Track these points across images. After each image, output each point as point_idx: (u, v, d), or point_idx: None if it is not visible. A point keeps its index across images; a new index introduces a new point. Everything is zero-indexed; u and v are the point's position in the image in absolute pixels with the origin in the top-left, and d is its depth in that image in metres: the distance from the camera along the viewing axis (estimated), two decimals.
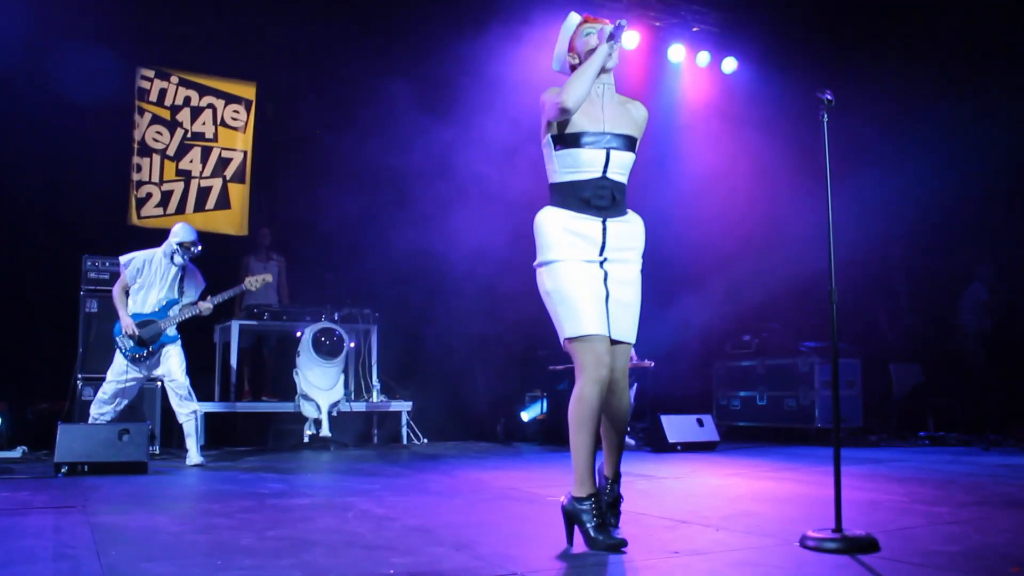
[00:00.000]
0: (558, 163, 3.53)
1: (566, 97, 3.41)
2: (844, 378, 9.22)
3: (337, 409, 8.45)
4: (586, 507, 3.40)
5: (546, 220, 3.53)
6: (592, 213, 3.50)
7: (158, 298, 6.97)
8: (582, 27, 3.67)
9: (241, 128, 10.26)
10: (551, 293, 3.48)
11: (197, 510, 4.60)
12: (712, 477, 6.17)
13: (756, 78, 10.88)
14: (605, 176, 3.52)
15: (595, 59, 3.51)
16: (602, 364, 3.40)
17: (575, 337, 3.42)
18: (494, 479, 6.05)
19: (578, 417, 3.40)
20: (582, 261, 3.48)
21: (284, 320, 8.89)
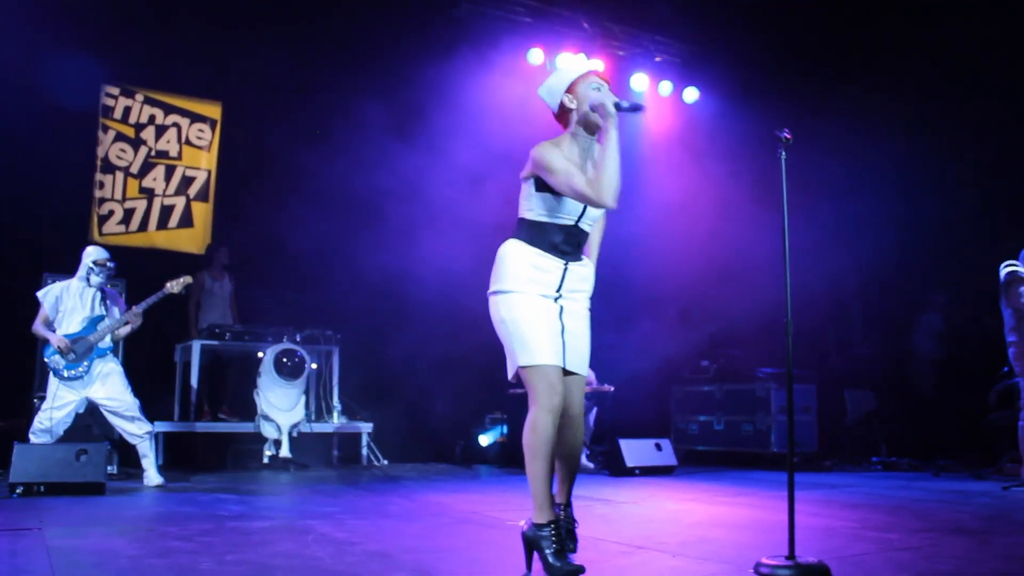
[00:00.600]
0: (536, 203, 3.56)
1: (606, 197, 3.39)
2: (800, 404, 9.31)
3: (298, 430, 8.40)
4: (545, 533, 3.39)
5: (511, 252, 3.56)
6: (557, 256, 3.56)
7: (81, 318, 6.86)
8: (590, 77, 3.63)
9: (206, 147, 10.23)
10: (506, 321, 3.50)
11: (155, 533, 4.55)
12: (669, 502, 6.21)
13: (718, 108, 11.02)
14: (577, 225, 3.59)
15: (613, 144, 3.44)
16: (555, 392, 3.41)
17: (528, 366, 3.43)
18: (454, 503, 6.05)
19: (533, 446, 3.40)
20: (539, 295, 3.52)
21: (246, 340, 8.82)
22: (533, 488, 3.42)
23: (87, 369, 6.76)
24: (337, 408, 9.07)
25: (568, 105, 3.62)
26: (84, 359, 6.76)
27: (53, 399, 6.69)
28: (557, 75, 3.70)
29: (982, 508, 5.76)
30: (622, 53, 11.01)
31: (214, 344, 8.76)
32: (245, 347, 8.87)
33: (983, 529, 4.82)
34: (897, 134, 9.81)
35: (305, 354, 8.43)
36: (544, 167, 3.47)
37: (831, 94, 10.17)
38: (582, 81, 3.61)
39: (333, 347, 9.19)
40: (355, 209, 9.63)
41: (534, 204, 3.57)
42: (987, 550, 4.13)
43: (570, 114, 3.63)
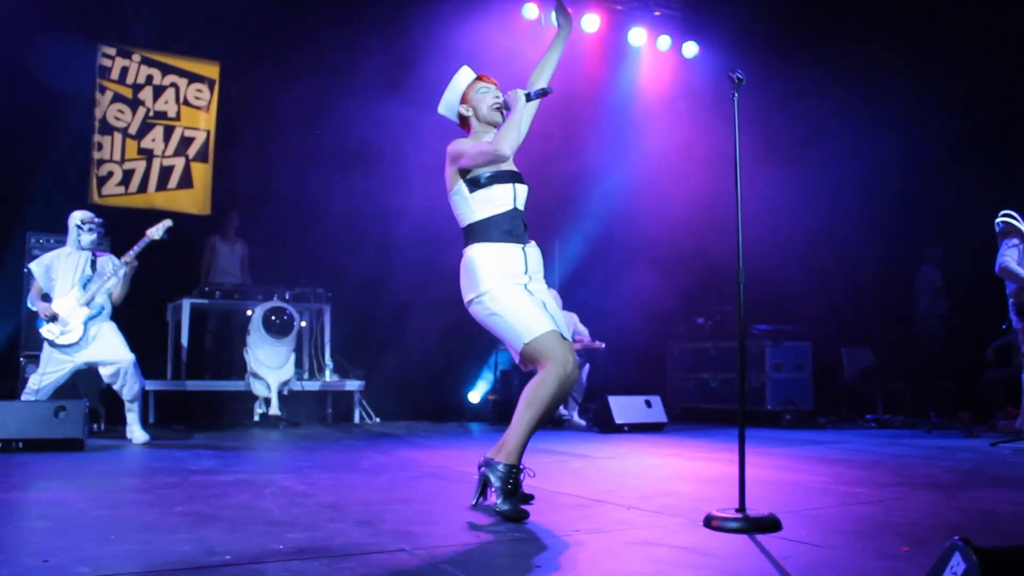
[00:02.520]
0: (475, 203, 3.78)
1: (503, 145, 3.66)
2: (795, 361, 9.24)
3: (288, 388, 8.38)
4: (502, 471, 3.58)
5: (476, 256, 3.74)
6: (513, 241, 3.78)
7: (70, 286, 6.71)
8: (478, 83, 3.97)
9: (204, 107, 10.17)
10: (498, 313, 3.67)
11: (117, 486, 4.51)
12: (648, 457, 6.13)
13: (718, 63, 10.78)
14: (516, 208, 3.83)
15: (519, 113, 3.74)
16: (568, 361, 3.59)
17: (533, 339, 3.59)
18: (430, 457, 6.00)
19: (537, 398, 3.56)
20: (514, 283, 3.72)
21: (236, 299, 8.79)
22: (516, 433, 3.60)
23: (81, 336, 6.66)
24: (329, 366, 9.03)
25: (465, 113, 3.98)
26: (77, 325, 6.65)
27: (46, 364, 6.63)
28: (449, 91, 4.01)
29: (961, 463, 5.64)
30: (620, 7, 10.81)
31: (204, 303, 8.72)
32: (235, 305, 8.84)
33: (954, 483, 4.71)
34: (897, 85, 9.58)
35: (294, 312, 8.39)
36: (456, 154, 3.80)
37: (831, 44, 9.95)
38: (471, 90, 3.97)
39: (324, 305, 9.14)
40: (345, 165, 9.56)
41: (474, 206, 3.79)
42: (949, 503, 4.03)
43: (470, 120, 3.98)
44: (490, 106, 3.92)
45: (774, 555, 2.93)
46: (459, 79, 4.01)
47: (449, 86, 4.01)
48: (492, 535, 3.26)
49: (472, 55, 9.26)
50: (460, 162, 3.81)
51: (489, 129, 3.94)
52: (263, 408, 8.27)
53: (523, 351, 3.64)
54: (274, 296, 8.64)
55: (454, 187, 3.85)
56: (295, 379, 8.46)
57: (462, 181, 3.82)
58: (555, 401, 3.61)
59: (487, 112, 3.92)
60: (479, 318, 3.77)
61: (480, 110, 3.93)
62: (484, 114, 3.93)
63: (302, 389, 8.62)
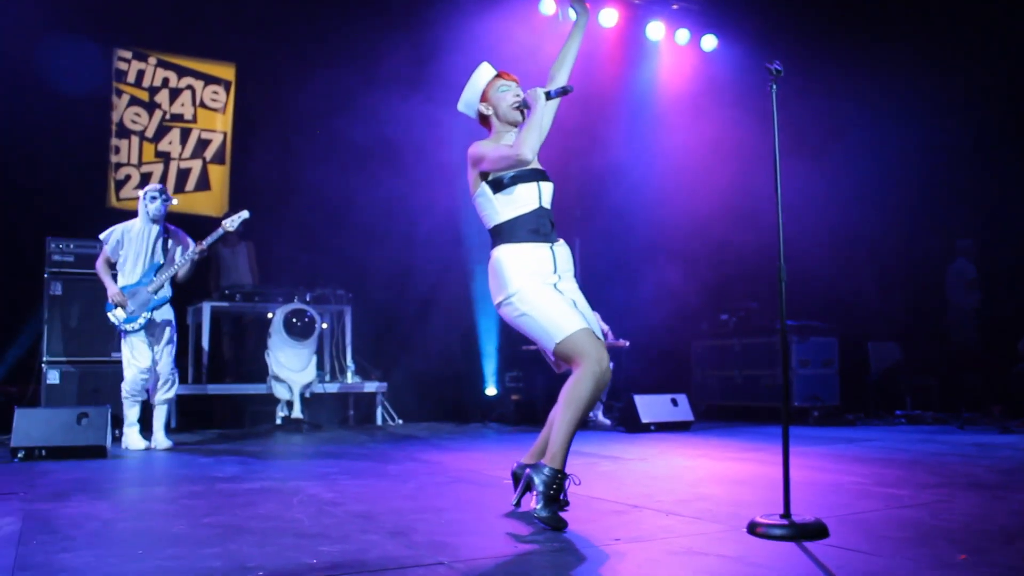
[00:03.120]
0: (499, 205, 3.73)
1: (525, 150, 3.58)
2: (821, 357, 9.09)
3: (310, 391, 8.30)
4: (547, 475, 3.47)
5: (503, 257, 3.68)
6: (541, 240, 3.71)
7: (142, 265, 6.63)
8: (497, 81, 3.89)
9: (220, 109, 10.10)
10: (527, 314, 3.60)
11: (143, 496, 4.43)
12: (678, 458, 6.00)
13: (737, 56, 10.66)
14: (542, 206, 3.76)
15: (539, 115, 3.67)
16: (603, 358, 3.50)
17: (566, 338, 3.51)
18: (456, 461, 5.89)
19: (571, 396, 3.48)
20: (543, 283, 3.66)
21: (256, 301, 8.71)
22: (560, 435, 3.50)
23: (146, 322, 6.54)
24: (350, 368, 8.95)
25: (485, 112, 3.90)
26: (142, 311, 6.56)
27: (132, 355, 6.53)
28: (469, 89, 3.93)
29: (1002, 461, 5.50)
30: (637, 2, 10.66)
31: (224, 306, 8.65)
32: (256, 308, 8.76)
33: (1000, 484, 4.57)
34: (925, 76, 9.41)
35: (315, 314, 8.30)
36: (477, 157, 3.72)
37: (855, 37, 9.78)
38: (491, 87, 3.89)
39: (345, 306, 9.05)
40: (368, 163, 9.50)
41: (499, 207, 3.73)
42: (998, 506, 3.90)
43: (490, 119, 3.90)
44: (510, 104, 3.84)
45: (827, 564, 2.82)
46: (479, 76, 3.93)
47: (468, 83, 3.93)
48: (531, 545, 3.15)
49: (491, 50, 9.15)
50: (481, 166, 3.74)
51: (510, 128, 3.87)
52: (285, 411, 8.19)
53: (556, 351, 3.56)
54: (294, 298, 8.56)
55: (477, 189, 3.79)
56: (317, 381, 8.37)
57: (485, 183, 3.75)
58: (593, 399, 3.53)
59: (507, 111, 3.85)
60: (509, 319, 3.71)
61: (500, 108, 3.86)
62: (504, 113, 3.85)
63: (323, 391, 8.53)
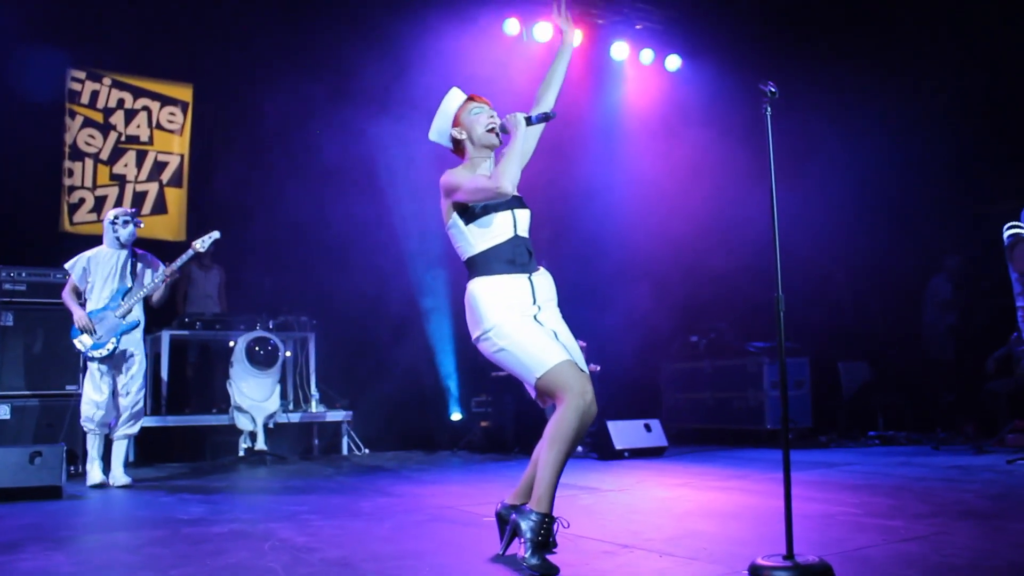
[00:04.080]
0: (472, 236, 3.58)
1: (505, 182, 3.42)
2: (793, 378, 9.02)
3: (273, 421, 8.05)
4: (535, 521, 3.29)
5: (479, 290, 3.52)
6: (518, 271, 3.55)
7: (110, 290, 6.36)
8: (469, 104, 3.73)
9: (177, 131, 9.83)
10: (506, 349, 3.43)
11: (101, 544, 4.15)
12: (658, 488, 5.83)
13: (701, 75, 10.61)
14: (517, 235, 3.60)
15: (519, 144, 3.52)
16: (587, 391, 3.35)
17: (547, 372, 3.35)
18: (431, 495, 5.67)
19: (556, 434, 3.32)
20: (522, 315, 3.48)
21: (218, 329, 8.45)
22: (545, 476, 3.34)
23: (114, 349, 6.27)
24: (315, 397, 8.71)
25: (458, 136, 3.72)
26: (109, 337, 6.27)
27: (92, 385, 6.26)
28: (440, 116, 3.75)
29: (988, 486, 5.39)
30: (601, 21, 10.58)
31: (184, 334, 8.36)
32: (217, 336, 8.50)
33: (993, 512, 4.45)
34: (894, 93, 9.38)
35: (279, 342, 8.06)
36: (451, 186, 3.55)
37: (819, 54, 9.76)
38: (463, 111, 3.71)
39: (309, 333, 8.83)
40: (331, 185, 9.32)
41: (471, 238, 3.57)
42: (999, 538, 3.77)
43: (463, 143, 3.72)
44: (485, 127, 3.67)
45: None
46: (449, 102, 3.76)
47: (439, 111, 3.76)
48: None
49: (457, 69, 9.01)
50: (455, 196, 3.56)
51: (485, 153, 3.70)
52: (248, 443, 7.93)
53: (537, 386, 3.39)
54: (257, 326, 8.31)
55: (449, 220, 3.62)
56: (281, 411, 8.12)
57: (456, 214, 3.59)
58: (579, 435, 3.36)
59: (482, 134, 3.67)
60: (487, 355, 3.54)
61: (475, 132, 3.68)
62: (479, 136, 3.67)
63: (288, 421, 8.27)
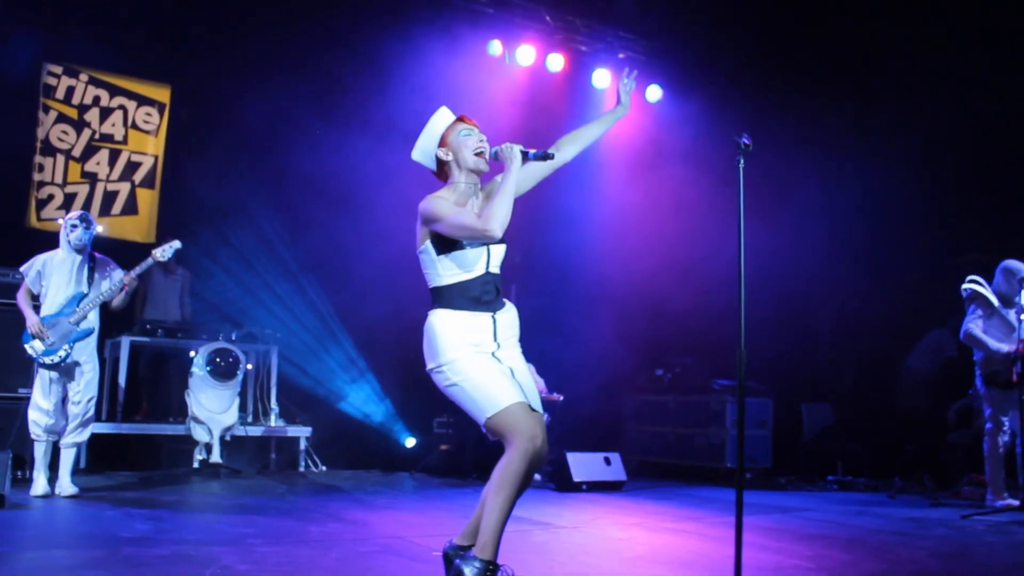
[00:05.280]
0: (442, 267, 3.51)
1: (494, 225, 3.35)
2: (755, 418, 8.99)
3: (231, 434, 7.91)
4: (478, 569, 3.25)
5: (441, 323, 3.46)
6: (482, 309, 3.50)
7: (65, 295, 6.20)
8: (459, 125, 3.62)
9: (153, 132, 9.67)
10: (459, 384, 3.39)
11: (35, 563, 4.03)
12: (612, 527, 5.76)
13: (681, 108, 10.58)
14: (488, 271, 3.55)
15: (513, 181, 3.46)
16: (536, 435, 3.29)
17: (498, 412, 3.31)
18: (382, 523, 5.57)
19: (503, 479, 3.28)
20: (479, 352, 3.45)
21: (179, 337, 8.30)
22: (491, 521, 3.30)
23: (66, 356, 6.11)
24: (274, 411, 8.57)
25: (444, 158, 3.62)
26: (62, 343, 6.11)
27: (41, 391, 6.11)
28: (426, 134, 3.65)
29: (942, 542, 5.37)
30: (584, 48, 10.56)
31: (145, 341, 8.23)
32: (179, 345, 8.34)
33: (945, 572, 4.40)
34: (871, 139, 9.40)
35: (240, 354, 7.93)
36: (432, 216, 3.44)
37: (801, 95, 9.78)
38: (451, 132, 3.61)
39: (272, 346, 8.69)
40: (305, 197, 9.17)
41: (441, 269, 3.51)
42: None
43: (448, 165, 3.62)
44: (473, 150, 3.56)
45: None
46: (437, 121, 3.65)
47: (425, 129, 3.64)
48: None
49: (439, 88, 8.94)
50: (435, 227, 3.46)
51: (471, 178, 3.60)
52: (203, 454, 7.79)
53: (487, 424, 3.35)
54: (220, 336, 8.18)
55: (422, 245, 3.53)
56: (238, 424, 7.96)
57: (430, 241, 3.50)
58: (526, 479, 3.32)
59: (470, 158, 3.56)
60: (440, 387, 3.49)
61: (462, 154, 3.57)
62: (466, 159, 3.57)
63: (245, 434, 8.11)
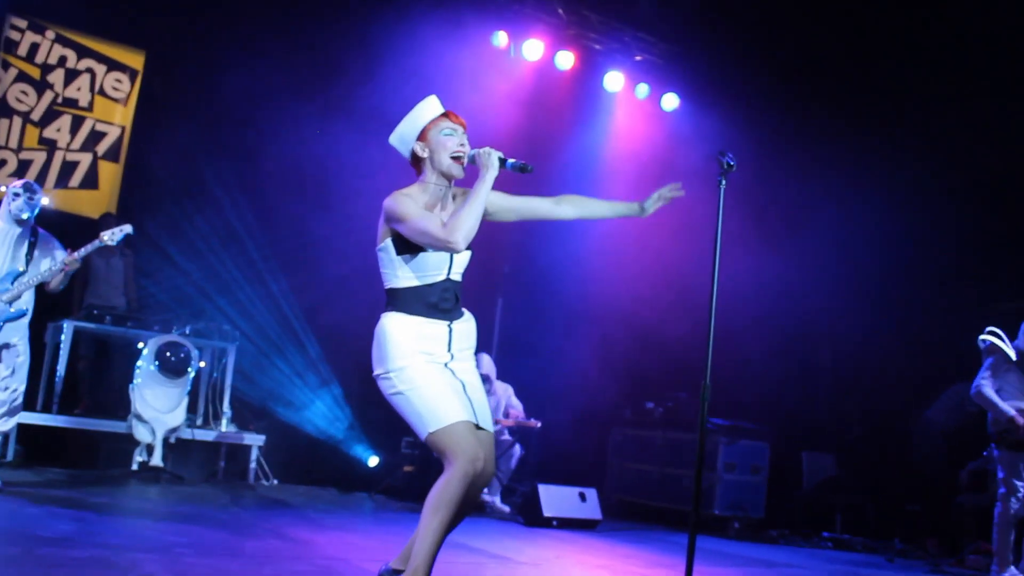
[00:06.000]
0: (400, 268, 3.64)
1: (458, 238, 3.50)
2: (750, 462, 9.08)
3: (176, 436, 8.05)
4: None
5: (393, 328, 3.59)
6: (439, 317, 3.64)
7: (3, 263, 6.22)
8: (443, 121, 3.74)
9: (122, 100, 9.84)
10: (405, 392, 3.53)
11: None
12: (576, 567, 5.90)
13: (697, 121, 10.75)
14: (448, 278, 3.69)
15: (483, 193, 3.59)
16: (478, 457, 3.45)
17: (440, 428, 3.45)
18: (326, 543, 5.70)
19: (438, 500, 3.41)
20: (431, 362, 3.59)
21: (128, 326, 8.42)
22: (423, 545, 3.41)
23: None
24: (227, 415, 8.69)
25: (420, 153, 3.74)
26: None
27: None
28: (408, 121, 3.76)
29: None
30: (598, 47, 10.70)
31: (91, 328, 8.37)
32: (127, 334, 8.44)
33: None
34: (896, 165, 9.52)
35: (193, 350, 8.09)
36: (396, 215, 3.57)
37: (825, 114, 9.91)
38: (433, 127, 3.72)
39: (229, 343, 8.82)
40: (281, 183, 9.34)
41: (399, 270, 3.64)
42: None
43: (423, 162, 3.75)
44: (451, 153, 3.69)
45: None
46: (422, 110, 3.78)
47: (408, 116, 3.78)
48: None
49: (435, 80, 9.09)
50: (397, 227, 3.60)
51: (443, 182, 3.73)
52: (144, 456, 7.91)
53: (428, 440, 3.50)
54: (173, 328, 8.33)
55: (382, 243, 3.68)
56: (185, 426, 8.11)
57: (391, 239, 3.65)
58: (465, 503, 3.48)
59: (445, 161, 3.70)
60: (385, 394, 3.63)
61: (438, 155, 3.71)
62: (440, 161, 3.71)
63: (192, 438, 8.26)
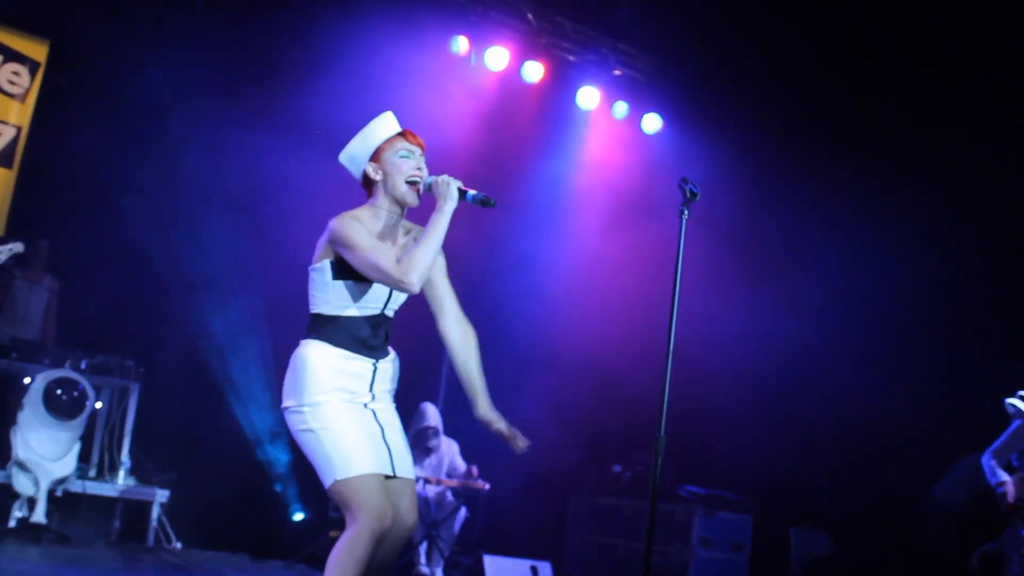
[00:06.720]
0: (333, 294, 3.65)
1: (413, 279, 3.52)
2: (730, 538, 9.05)
3: (63, 488, 7.80)
4: None
5: (314, 358, 3.60)
6: (365, 353, 3.67)
7: None
8: (399, 142, 3.76)
9: (20, 96, 9.57)
10: (316, 431, 3.52)
11: None
12: None
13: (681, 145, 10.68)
14: (383, 313, 3.75)
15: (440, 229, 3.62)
16: (385, 515, 3.45)
17: (347, 478, 3.45)
18: None
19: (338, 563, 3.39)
20: (351, 402, 3.62)
21: (13, 358, 8.15)
22: None
23: None
24: (125, 465, 8.47)
25: (373, 176, 3.77)
26: None
27: None
28: (360, 139, 3.78)
29: None
30: (571, 58, 10.57)
31: None
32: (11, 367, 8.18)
33: None
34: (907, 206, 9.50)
35: (89, 388, 7.85)
36: (343, 241, 3.56)
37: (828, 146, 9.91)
38: (388, 147, 3.75)
39: (132, 382, 8.60)
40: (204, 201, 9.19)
41: (331, 295, 3.65)
42: None
43: (375, 185, 3.78)
44: (408, 178, 3.72)
45: None
46: (377, 128, 3.80)
47: (361, 133, 3.80)
48: None
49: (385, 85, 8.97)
50: (343, 254, 3.60)
51: (394, 208, 3.78)
52: (24, 512, 7.60)
53: (332, 489, 3.50)
54: (66, 362, 8.06)
55: (318, 263, 3.69)
56: (75, 477, 7.89)
57: (330, 262, 3.65)
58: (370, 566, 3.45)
59: (400, 186, 3.73)
60: (292, 429, 3.64)
61: (392, 179, 3.73)
62: (395, 186, 3.73)
63: (84, 492, 8.00)
